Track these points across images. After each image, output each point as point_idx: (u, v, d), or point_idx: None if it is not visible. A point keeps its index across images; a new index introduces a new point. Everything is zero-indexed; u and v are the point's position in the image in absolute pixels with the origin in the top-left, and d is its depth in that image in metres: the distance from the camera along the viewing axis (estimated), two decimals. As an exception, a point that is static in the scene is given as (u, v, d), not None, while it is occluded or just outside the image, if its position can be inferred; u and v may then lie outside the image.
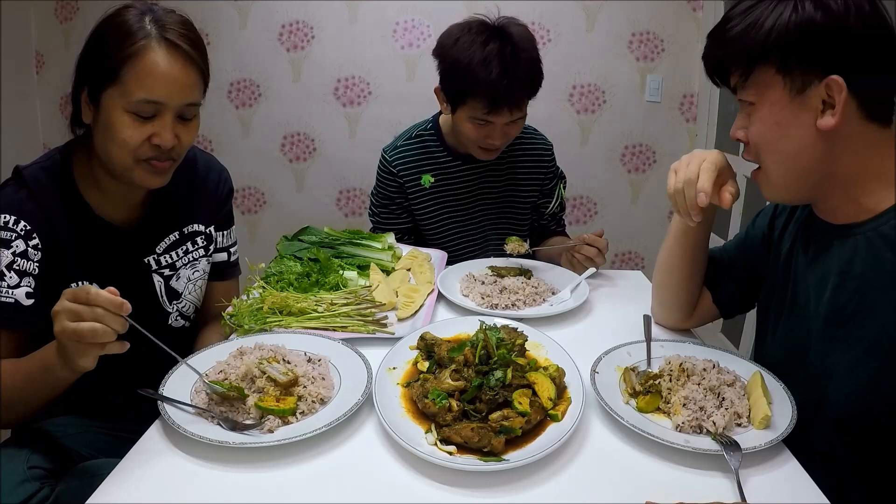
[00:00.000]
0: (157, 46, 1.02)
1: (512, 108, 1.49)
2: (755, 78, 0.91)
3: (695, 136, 3.19)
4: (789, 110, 0.89)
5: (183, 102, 1.06)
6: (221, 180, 1.35)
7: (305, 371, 1.02)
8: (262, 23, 3.16)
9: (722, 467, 0.85)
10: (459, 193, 1.75)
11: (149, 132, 1.04)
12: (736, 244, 1.24)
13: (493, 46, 1.45)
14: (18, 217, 1.04)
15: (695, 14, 3.09)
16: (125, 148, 1.04)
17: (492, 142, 1.56)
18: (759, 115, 0.92)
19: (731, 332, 2.82)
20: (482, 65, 1.44)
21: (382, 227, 1.77)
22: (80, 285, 1.09)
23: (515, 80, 1.45)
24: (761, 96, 0.91)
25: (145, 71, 1.01)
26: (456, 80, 1.51)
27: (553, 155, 1.82)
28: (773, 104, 0.90)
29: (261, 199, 3.41)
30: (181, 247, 1.26)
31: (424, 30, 3.11)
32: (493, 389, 0.94)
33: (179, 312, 1.28)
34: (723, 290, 1.24)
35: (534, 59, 1.50)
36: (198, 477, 0.83)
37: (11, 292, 1.02)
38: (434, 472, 0.85)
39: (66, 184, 1.10)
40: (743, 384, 1.02)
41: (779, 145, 0.92)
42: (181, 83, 1.05)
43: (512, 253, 1.57)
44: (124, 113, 1.02)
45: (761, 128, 0.93)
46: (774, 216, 1.16)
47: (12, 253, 1.02)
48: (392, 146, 1.76)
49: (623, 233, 3.31)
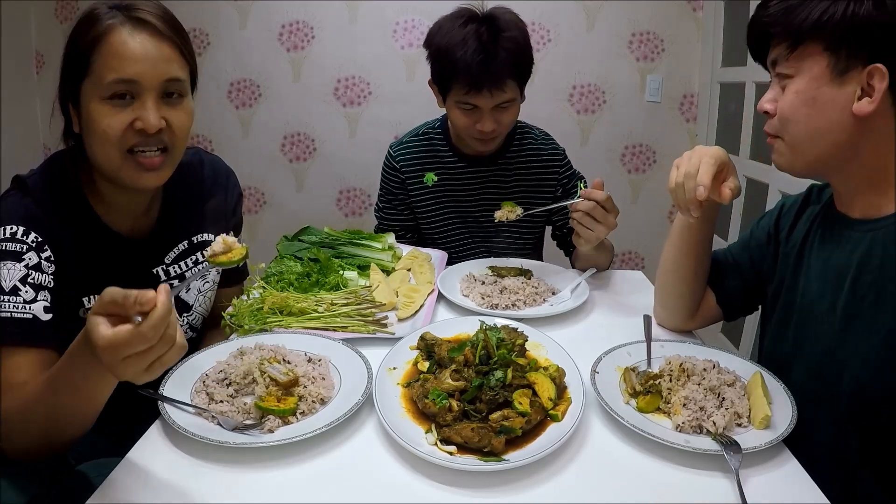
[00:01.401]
0: (123, 25, 0.97)
1: (492, 87, 1.45)
2: (800, 52, 0.92)
3: (695, 136, 3.19)
4: (828, 88, 0.90)
5: (161, 79, 0.99)
6: (230, 185, 1.31)
7: (306, 371, 1.02)
8: (262, 23, 3.16)
9: (722, 467, 0.85)
10: (462, 195, 1.73)
11: (130, 117, 0.98)
12: (741, 245, 1.24)
13: (471, 27, 1.46)
14: (28, 228, 0.99)
15: (695, 14, 3.09)
16: (107, 140, 0.98)
17: (481, 128, 1.52)
18: (796, 87, 0.93)
19: (731, 332, 2.82)
20: (460, 45, 1.44)
21: (385, 224, 1.77)
22: (92, 300, 1.06)
23: (493, 59, 1.43)
24: (802, 70, 0.92)
25: (112, 50, 0.96)
26: (439, 65, 1.52)
27: (565, 161, 1.74)
28: (813, 79, 0.91)
29: (261, 199, 3.41)
30: (190, 257, 1.22)
31: (424, 30, 3.07)
32: (493, 389, 0.94)
33: (189, 324, 1.25)
34: (727, 290, 1.24)
35: (516, 40, 1.47)
36: (198, 477, 0.83)
37: (29, 307, 0.95)
38: (434, 472, 0.85)
39: (72, 192, 1.06)
40: (743, 384, 1.02)
41: (810, 120, 0.93)
42: (154, 58, 0.98)
43: (501, 219, 1.51)
44: (101, 102, 0.97)
45: (796, 100, 0.94)
46: (780, 216, 1.16)
47: (25, 266, 0.97)
48: (398, 142, 1.76)
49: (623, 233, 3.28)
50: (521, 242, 1.78)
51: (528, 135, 1.73)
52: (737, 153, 2.75)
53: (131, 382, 0.85)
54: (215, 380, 1.00)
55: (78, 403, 0.83)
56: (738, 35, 2.72)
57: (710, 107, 3.06)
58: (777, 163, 1.02)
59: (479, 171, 1.71)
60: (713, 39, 2.98)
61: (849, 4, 0.87)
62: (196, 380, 1.01)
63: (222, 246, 0.92)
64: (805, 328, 1.04)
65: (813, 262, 1.05)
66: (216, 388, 0.98)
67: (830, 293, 0.99)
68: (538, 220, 1.78)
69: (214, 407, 0.94)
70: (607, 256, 1.61)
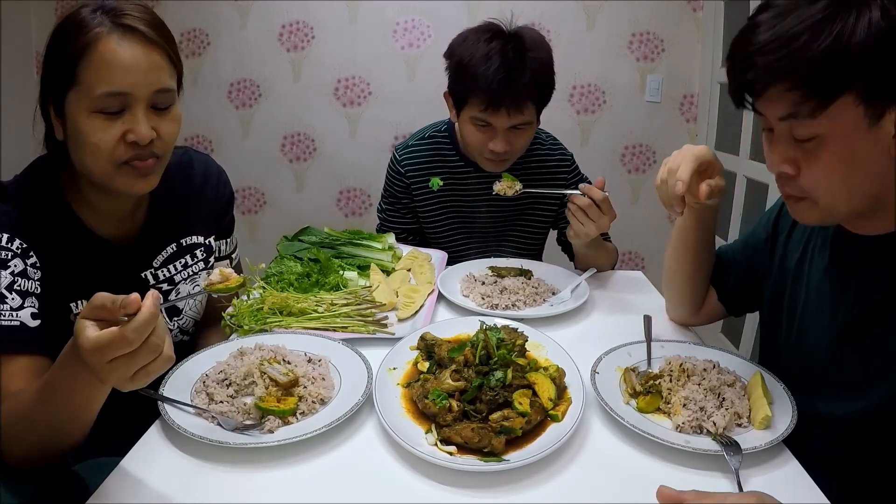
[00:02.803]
0: (111, 34, 0.93)
1: (510, 108, 1.42)
2: (833, 107, 0.76)
3: (695, 136, 3.19)
4: (865, 140, 0.78)
5: (151, 90, 0.96)
6: (220, 185, 1.29)
7: (306, 371, 1.02)
8: (262, 23, 3.16)
9: (722, 467, 0.85)
10: (467, 200, 1.71)
11: (121, 130, 0.95)
12: (742, 243, 1.24)
13: (496, 44, 1.42)
14: (12, 234, 0.97)
15: (695, 14, 3.09)
16: (99, 153, 0.96)
17: (493, 148, 1.49)
18: (832, 147, 0.79)
19: (731, 332, 2.82)
20: (483, 60, 1.40)
21: (387, 225, 1.76)
22: (80, 305, 1.05)
23: (515, 78, 1.39)
24: (835, 127, 0.78)
25: (102, 62, 0.92)
26: (458, 77, 1.49)
27: (573, 167, 1.73)
28: (849, 135, 0.78)
29: (261, 199, 3.41)
30: (179, 260, 1.20)
31: (424, 30, 3.11)
32: (493, 390, 0.94)
33: (179, 328, 1.24)
34: (727, 288, 1.24)
35: (541, 62, 1.44)
36: (198, 477, 0.83)
37: (16, 314, 0.94)
38: (434, 472, 0.85)
39: (54, 198, 1.04)
40: (743, 384, 1.02)
41: (849, 179, 0.81)
42: (144, 68, 0.95)
43: (499, 192, 1.48)
44: (90, 115, 0.94)
45: (832, 162, 0.80)
46: (780, 215, 1.14)
47: (11, 273, 0.95)
48: (404, 145, 1.73)
49: (623, 233, 3.29)
50: (524, 249, 1.77)
51: (536, 140, 1.70)
52: (737, 153, 2.74)
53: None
54: (215, 380, 1.00)
55: (71, 410, 0.81)
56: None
57: (710, 107, 3.06)
58: (803, 220, 0.92)
59: (486, 177, 1.67)
60: (713, 39, 2.99)
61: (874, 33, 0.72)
62: (196, 380, 1.01)
63: (219, 277, 0.91)
64: (805, 339, 1.03)
65: (814, 273, 1.03)
66: (216, 389, 0.98)
67: (830, 307, 0.97)
68: (543, 225, 1.77)
69: (214, 407, 0.94)
70: (608, 259, 1.61)
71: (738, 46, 0.82)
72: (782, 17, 0.77)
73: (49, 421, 0.83)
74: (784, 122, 0.81)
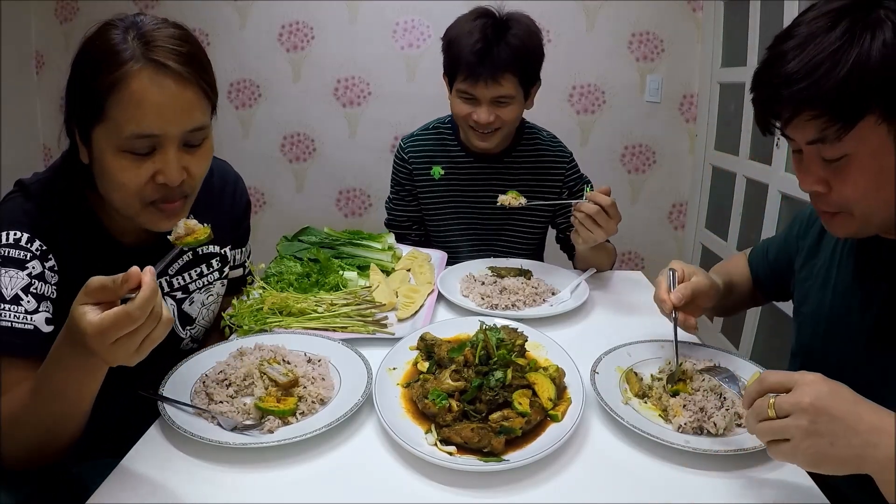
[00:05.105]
0: (143, 70, 0.88)
1: (488, 79, 1.49)
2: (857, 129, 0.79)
3: (694, 136, 3.19)
4: (892, 155, 0.80)
5: (184, 130, 0.92)
6: (238, 194, 1.28)
7: (305, 371, 1.02)
8: (262, 23, 3.16)
9: (722, 467, 0.85)
10: (468, 189, 1.75)
11: (150, 171, 0.92)
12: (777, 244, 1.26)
13: (480, 21, 1.52)
14: (32, 235, 0.95)
15: (695, 14, 3.09)
16: (126, 192, 0.93)
17: (476, 118, 1.55)
18: (858, 164, 0.82)
19: (731, 333, 2.82)
20: (466, 35, 1.51)
21: (394, 214, 1.82)
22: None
23: (494, 50, 1.47)
24: (860, 146, 0.81)
25: (132, 101, 0.87)
26: (446, 54, 1.58)
27: (572, 163, 1.76)
28: (874, 152, 0.80)
29: (261, 199, 3.41)
30: (195, 268, 1.19)
31: (424, 30, 3.11)
32: (493, 390, 0.94)
33: (192, 337, 1.23)
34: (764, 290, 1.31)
35: (520, 38, 1.50)
36: (198, 477, 0.83)
37: (31, 318, 0.91)
38: (434, 472, 0.85)
39: (76, 201, 1.01)
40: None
41: (880, 192, 0.84)
42: (177, 109, 0.90)
43: (504, 204, 1.49)
44: (118, 153, 0.90)
45: (861, 178, 0.83)
46: (810, 223, 1.15)
47: (28, 275, 0.93)
48: (409, 136, 1.81)
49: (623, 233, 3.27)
50: (524, 240, 1.80)
51: (536, 136, 1.76)
52: (736, 153, 2.74)
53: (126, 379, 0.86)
54: (215, 380, 1.00)
55: (65, 405, 0.82)
56: (738, 35, 2.73)
57: (710, 107, 3.06)
58: (840, 234, 0.95)
59: (486, 167, 1.73)
60: (713, 39, 2.98)
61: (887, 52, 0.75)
62: (196, 380, 1.01)
63: (184, 229, 0.92)
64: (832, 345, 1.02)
65: (842, 278, 1.02)
66: (216, 389, 0.98)
67: (857, 312, 0.97)
68: (541, 220, 1.79)
69: (214, 407, 0.94)
70: (608, 259, 1.61)
71: (764, 77, 0.85)
72: (803, 48, 0.80)
73: (42, 419, 0.83)
74: (812, 145, 0.84)
